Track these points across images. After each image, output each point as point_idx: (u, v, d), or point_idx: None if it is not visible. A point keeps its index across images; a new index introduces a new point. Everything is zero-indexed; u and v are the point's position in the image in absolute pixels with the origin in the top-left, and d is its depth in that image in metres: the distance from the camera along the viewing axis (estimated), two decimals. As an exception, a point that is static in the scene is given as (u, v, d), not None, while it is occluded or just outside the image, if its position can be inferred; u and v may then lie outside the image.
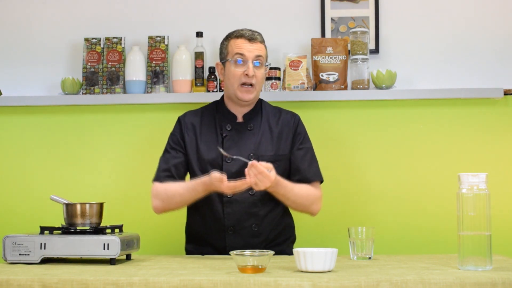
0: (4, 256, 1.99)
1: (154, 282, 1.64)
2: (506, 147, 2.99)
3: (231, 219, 2.38)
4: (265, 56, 2.45)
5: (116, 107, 3.07)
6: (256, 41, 2.42)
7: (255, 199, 2.38)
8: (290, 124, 2.49)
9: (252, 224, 2.39)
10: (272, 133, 2.46)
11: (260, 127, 2.46)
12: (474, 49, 3.06)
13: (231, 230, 2.39)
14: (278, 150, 2.43)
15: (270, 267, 1.85)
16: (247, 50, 2.40)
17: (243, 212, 2.38)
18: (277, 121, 2.49)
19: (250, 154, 2.39)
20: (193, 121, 2.50)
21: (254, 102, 2.47)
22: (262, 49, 2.43)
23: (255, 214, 2.39)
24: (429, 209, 2.98)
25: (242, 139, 2.43)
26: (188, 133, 2.47)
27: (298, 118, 2.53)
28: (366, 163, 3.02)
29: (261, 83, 2.45)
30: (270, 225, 2.43)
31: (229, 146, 2.41)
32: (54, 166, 3.09)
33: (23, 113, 3.10)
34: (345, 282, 1.60)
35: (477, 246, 1.75)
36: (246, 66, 2.39)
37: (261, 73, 2.42)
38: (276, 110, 2.55)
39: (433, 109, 3.02)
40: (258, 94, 2.45)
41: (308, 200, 2.42)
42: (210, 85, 2.99)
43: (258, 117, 2.48)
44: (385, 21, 3.09)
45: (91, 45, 3.07)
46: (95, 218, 2.10)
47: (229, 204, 2.38)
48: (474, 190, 1.76)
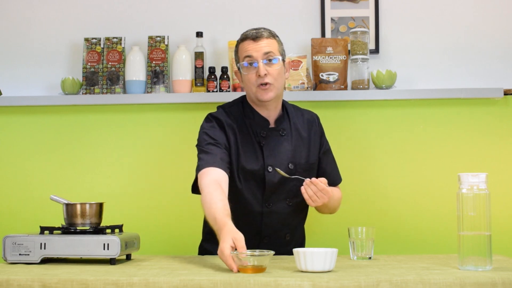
0: (4, 256, 1.99)
1: (154, 282, 1.64)
2: (506, 147, 2.99)
3: (268, 229, 2.35)
4: (277, 50, 2.31)
5: (116, 107, 3.07)
6: (261, 38, 2.29)
7: (290, 210, 2.36)
8: (316, 128, 2.44)
9: (286, 233, 2.39)
10: (302, 138, 2.39)
11: (291, 132, 2.38)
12: (474, 49, 3.06)
13: (266, 239, 2.35)
14: (309, 157, 2.38)
15: (270, 267, 1.85)
16: (254, 50, 2.28)
17: (280, 222, 2.36)
18: (303, 123, 2.43)
19: (289, 164, 2.32)
20: (230, 122, 2.34)
21: (278, 100, 2.35)
22: (271, 44, 2.30)
23: (289, 224, 2.39)
24: (429, 209, 2.98)
25: (277, 146, 2.33)
26: (229, 134, 2.32)
27: (318, 118, 2.50)
28: (366, 163, 3.02)
29: (279, 78, 2.30)
30: (299, 233, 2.47)
31: (267, 155, 2.31)
32: (54, 166, 3.08)
33: (23, 113, 3.10)
34: (345, 282, 1.60)
35: (477, 246, 1.75)
36: (257, 68, 2.27)
37: (275, 69, 2.28)
38: (297, 110, 2.47)
39: (433, 109, 3.02)
40: (279, 91, 2.31)
41: (338, 203, 2.47)
42: (210, 85, 2.99)
43: (287, 121, 2.39)
44: (385, 21, 3.09)
45: (91, 45, 3.07)
46: (95, 218, 2.09)
47: (268, 215, 2.33)
48: (474, 190, 1.76)
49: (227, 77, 3.00)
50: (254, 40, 2.30)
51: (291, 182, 2.27)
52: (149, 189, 3.03)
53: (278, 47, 2.33)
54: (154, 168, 3.03)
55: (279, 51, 2.33)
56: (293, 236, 2.42)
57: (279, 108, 2.38)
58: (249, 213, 2.31)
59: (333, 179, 2.44)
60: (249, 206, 2.30)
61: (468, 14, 3.08)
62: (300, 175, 2.27)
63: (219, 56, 3.10)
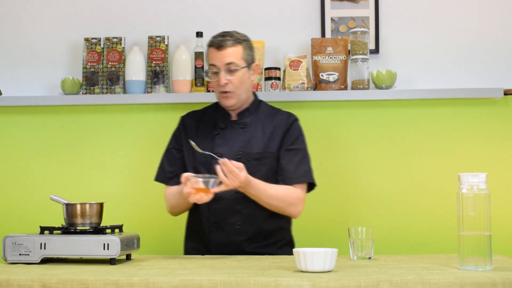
0: (4, 256, 1.99)
1: (154, 282, 1.64)
2: (506, 147, 2.99)
3: (215, 215, 2.40)
4: (240, 58, 2.40)
5: (116, 107, 3.07)
6: (225, 48, 2.38)
7: (239, 197, 2.38)
8: (283, 124, 2.49)
9: (236, 221, 2.40)
10: (264, 132, 2.46)
11: (253, 126, 2.47)
12: (474, 49, 3.06)
13: (215, 226, 2.41)
14: (266, 147, 2.43)
15: (270, 267, 1.85)
16: (217, 59, 2.39)
17: (227, 209, 2.40)
18: (272, 121, 2.50)
19: (239, 152, 2.41)
20: (193, 120, 2.54)
21: (242, 103, 2.47)
22: (234, 53, 2.39)
23: (239, 212, 2.40)
24: (429, 209, 2.98)
25: (233, 136, 2.44)
26: (187, 133, 2.51)
27: (294, 119, 2.52)
28: (366, 163, 3.02)
29: (241, 86, 2.42)
30: (256, 225, 2.42)
31: (219, 144, 2.44)
32: (54, 166, 3.08)
33: (23, 113, 3.10)
34: (345, 282, 1.60)
35: (477, 246, 1.75)
36: (219, 76, 2.39)
37: (237, 78, 2.39)
38: (274, 111, 2.55)
39: (433, 109, 3.02)
40: (242, 97, 2.44)
41: (283, 202, 2.39)
42: (210, 85, 2.99)
43: (252, 116, 2.50)
44: (385, 21, 3.09)
45: (91, 45, 3.07)
46: (95, 218, 2.09)
47: (215, 201, 2.37)
48: (474, 190, 1.76)
49: (227, 77, 3.00)
50: (218, 49, 2.40)
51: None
52: (149, 189, 3.02)
53: (243, 53, 2.42)
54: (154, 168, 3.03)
55: (244, 58, 2.42)
56: (245, 226, 2.40)
57: (245, 106, 2.49)
58: None
59: (288, 177, 2.41)
60: None
61: (468, 14, 3.08)
62: (250, 164, 2.35)
63: (219, 56, 3.09)
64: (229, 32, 2.43)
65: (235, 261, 2.03)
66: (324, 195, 3.01)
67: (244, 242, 2.41)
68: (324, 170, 3.02)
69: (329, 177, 3.02)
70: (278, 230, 2.49)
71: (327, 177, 3.02)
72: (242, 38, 2.44)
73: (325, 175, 3.02)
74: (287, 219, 2.54)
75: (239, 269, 1.82)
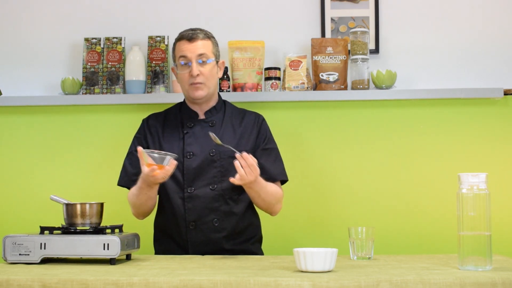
0: (4, 256, 1.99)
1: (154, 282, 1.64)
2: (506, 147, 2.99)
3: (192, 214, 2.40)
4: (211, 51, 2.45)
5: (116, 107, 3.07)
6: (196, 40, 2.43)
7: (215, 194, 2.39)
8: (253, 124, 2.52)
9: (213, 219, 2.40)
10: (234, 131, 2.48)
11: (222, 125, 2.49)
12: (474, 49, 3.06)
13: (192, 225, 2.41)
14: (238, 146, 2.42)
15: (270, 267, 1.85)
16: (189, 50, 2.42)
17: (204, 207, 2.40)
18: (241, 121, 2.52)
19: (213, 150, 2.42)
20: (157, 122, 2.56)
21: (210, 98, 2.49)
22: (205, 45, 2.44)
23: (216, 209, 2.40)
24: (429, 209, 2.98)
25: (203, 135, 2.45)
26: (151, 134, 2.53)
27: (262, 119, 2.56)
28: (366, 163, 3.02)
29: (212, 78, 2.46)
30: (233, 222, 2.43)
31: (190, 143, 2.45)
32: (54, 166, 3.08)
33: (23, 113, 3.10)
34: (345, 282, 1.60)
35: (477, 246, 1.75)
36: (190, 67, 2.42)
37: (208, 69, 2.43)
38: (241, 111, 2.58)
39: (433, 109, 3.02)
40: (211, 90, 2.47)
41: (275, 198, 2.44)
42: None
43: (220, 115, 2.52)
44: (385, 21, 3.09)
45: (91, 45, 3.07)
46: (95, 218, 2.09)
47: (190, 200, 2.40)
48: (474, 190, 1.76)
49: (227, 77, 3.00)
50: (190, 41, 2.43)
51: (214, 168, 2.40)
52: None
53: (213, 49, 2.47)
54: (154, 168, 3.03)
55: (213, 52, 2.47)
56: (223, 224, 2.41)
57: (212, 105, 2.52)
58: (172, 198, 2.44)
59: (271, 174, 2.45)
60: (172, 192, 2.44)
61: (468, 14, 3.08)
62: (224, 162, 2.40)
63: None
64: (198, 28, 2.49)
65: (235, 261, 2.03)
66: (324, 195, 3.02)
67: (222, 239, 2.41)
68: (324, 170, 3.02)
69: (329, 177, 3.02)
70: (250, 227, 2.51)
71: (327, 177, 3.02)
72: (210, 34, 2.50)
73: (325, 175, 3.03)
74: (257, 216, 2.56)
75: (239, 269, 1.82)
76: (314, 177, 3.02)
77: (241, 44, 2.98)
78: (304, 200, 3.01)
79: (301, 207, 3.01)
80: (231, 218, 2.43)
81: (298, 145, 3.03)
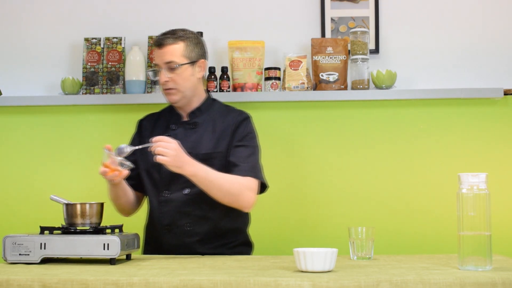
0: (4, 256, 1.99)
1: (154, 282, 1.64)
2: (506, 147, 2.99)
3: (166, 218, 2.40)
4: (181, 55, 2.39)
5: (116, 107, 3.07)
6: (165, 46, 2.39)
7: (188, 198, 2.37)
8: (233, 122, 2.45)
9: (186, 223, 2.39)
10: (214, 131, 2.44)
11: (204, 125, 2.46)
12: (474, 49, 3.06)
13: (166, 229, 2.40)
14: (215, 147, 2.40)
15: (270, 267, 1.85)
16: (158, 57, 2.41)
17: (177, 211, 2.39)
18: (224, 120, 2.47)
19: (188, 152, 2.34)
20: (149, 123, 2.56)
21: (189, 99, 2.45)
22: (174, 51, 2.39)
23: (188, 214, 2.39)
24: (429, 209, 2.98)
25: (183, 137, 2.41)
26: (142, 136, 2.53)
27: (244, 117, 2.48)
28: (366, 163, 3.02)
29: (184, 82, 2.41)
30: (206, 227, 2.40)
31: None
32: (54, 166, 3.08)
33: (23, 113, 3.10)
34: (345, 282, 1.60)
35: (477, 246, 1.75)
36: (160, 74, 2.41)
37: (178, 75, 2.39)
38: (227, 109, 2.53)
39: (433, 109, 3.02)
40: (186, 93, 2.43)
41: (235, 187, 2.29)
42: (210, 85, 2.99)
43: (203, 116, 2.48)
44: (385, 21, 3.09)
45: (91, 45, 3.07)
46: (95, 218, 2.09)
47: (165, 203, 2.39)
48: (474, 190, 1.76)
49: (227, 77, 3.00)
50: (159, 47, 2.42)
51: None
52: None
53: (185, 50, 2.41)
54: (154, 168, 3.03)
55: (185, 55, 2.41)
56: (196, 228, 2.38)
57: (195, 106, 2.48)
58: (151, 202, 2.46)
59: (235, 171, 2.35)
60: (151, 195, 2.45)
61: (468, 14, 3.08)
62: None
63: (219, 56, 3.10)
64: (173, 30, 2.44)
65: (235, 261, 2.03)
66: (324, 195, 3.02)
67: (196, 243, 2.38)
68: (324, 170, 3.03)
69: (329, 177, 3.02)
70: (233, 231, 2.46)
71: (327, 177, 3.02)
72: (185, 35, 2.42)
73: (325, 175, 3.03)
74: (243, 220, 2.51)
75: (239, 269, 1.82)
76: (314, 177, 3.02)
77: (241, 44, 2.98)
78: (304, 200, 3.01)
79: (301, 207, 3.01)
80: (204, 222, 2.39)
81: (298, 145, 3.03)
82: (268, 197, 3.01)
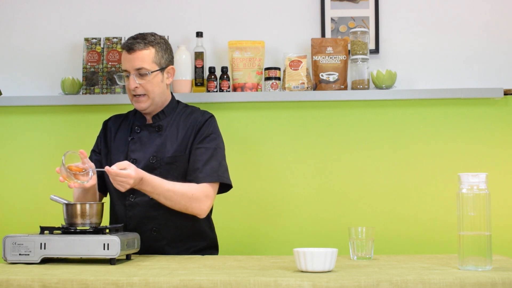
0: (4, 256, 1.99)
1: (154, 282, 1.64)
2: (506, 147, 2.99)
3: (132, 222, 2.37)
4: (151, 62, 2.35)
5: (116, 107, 3.07)
6: (135, 51, 2.34)
7: (153, 203, 2.33)
8: (196, 123, 2.42)
9: (152, 227, 2.37)
10: (178, 134, 2.41)
11: (168, 128, 2.42)
12: (474, 49, 3.06)
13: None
14: (179, 150, 2.38)
15: (270, 267, 1.85)
16: (127, 63, 2.35)
17: (142, 215, 2.36)
18: (186, 121, 2.44)
19: (153, 156, 2.36)
20: (115, 124, 2.51)
21: (157, 105, 2.41)
22: (144, 57, 2.34)
23: (154, 218, 2.36)
24: (429, 209, 2.98)
25: (148, 141, 2.40)
26: (105, 138, 2.50)
27: (207, 118, 2.44)
28: (366, 163, 3.02)
29: (154, 88, 2.37)
30: (173, 231, 2.38)
31: (134, 149, 2.40)
32: (54, 166, 3.07)
33: (23, 113, 3.10)
34: (345, 282, 1.60)
35: (477, 246, 1.75)
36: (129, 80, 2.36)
37: (148, 82, 2.35)
38: (190, 111, 2.48)
39: (433, 109, 3.02)
40: (155, 100, 2.39)
41: (184, 198, 2.28)
42: (210, 85, 2.99)
43: (168, 119, 2.44)
44: (385, 21, 3.09)
45: (91, 45, 3.07)
46: (95, 218, 2.09)
47: (130, 208, 2.38)
48: (474, 190, 1.76)
49: (227, 77, 3.00)
50: (128, 52, 2.37)
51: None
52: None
53: (155, 57, 2.37)
54: (154, 168, 3.03)
55: (155, 61, 2.37)
56: (162, 232, 2.37)
57: (161, 108, 2.44)
58: (116, 205, 2.42)
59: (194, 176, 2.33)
60: (115, 199, 2.42)
61: (468, 14, 3.08)
62: (163, 167, 2.34)
63: (219, 56, 3.10)
64: (143, 34, 2.39)
65: (235, 261, 2.03)
66: (324, 195, 3.02)
67: (164, 246, 2.37)
68: (324, 169, 3.03)
69: (329, 176, 3.02)
70: (197, 234, 2.43)
71: (327, 177, 3.02)
72: (155, 40, 2.38)
73: (325, 175, 3.03)
74: (208, 223, 2.48)
75: (239, 269, 1.82)
76: (313, 177, 3.02)
77: (241, 44, 2.98)
78: (304, 200, 3.01)
79: (301, 207, 3.01)
80: (172, 226, 2.37)
81: (298, 145, 3.03)
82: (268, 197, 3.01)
